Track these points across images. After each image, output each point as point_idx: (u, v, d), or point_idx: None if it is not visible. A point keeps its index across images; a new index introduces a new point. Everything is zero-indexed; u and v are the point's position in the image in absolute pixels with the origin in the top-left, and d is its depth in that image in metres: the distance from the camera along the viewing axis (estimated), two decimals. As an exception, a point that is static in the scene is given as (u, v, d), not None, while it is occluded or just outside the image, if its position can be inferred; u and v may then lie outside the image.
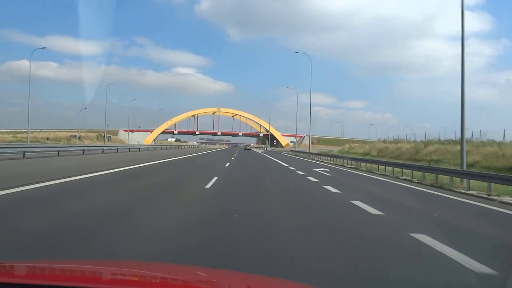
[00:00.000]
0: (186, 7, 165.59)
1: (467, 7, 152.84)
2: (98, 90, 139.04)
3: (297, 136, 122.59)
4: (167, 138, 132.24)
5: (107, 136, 58.45)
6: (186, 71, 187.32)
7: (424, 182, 14.03)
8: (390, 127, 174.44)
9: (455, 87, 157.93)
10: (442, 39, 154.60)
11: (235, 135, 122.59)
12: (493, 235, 5.73)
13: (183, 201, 8.05)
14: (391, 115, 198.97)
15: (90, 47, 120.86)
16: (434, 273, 3.72)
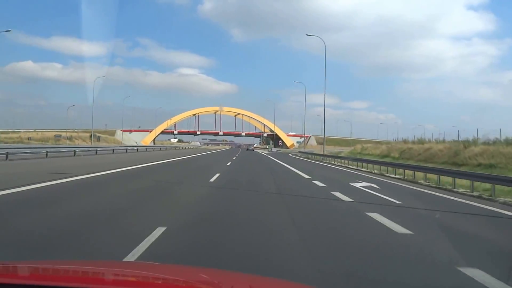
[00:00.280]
0: (189, 7, 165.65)
1: (470, 7, 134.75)
2: (101, 90, 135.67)
3: (302, 136, 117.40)
4: (170, 138, 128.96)
5: (96, 136, 53.35)
6: (190, 71, 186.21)
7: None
8: (393, 127, 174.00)
9: (458, 87, 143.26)
10: (445, 39, 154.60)
11: (238, 135, 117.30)
12: None
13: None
14: (395, 115, 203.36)
15: (94, 48, 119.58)
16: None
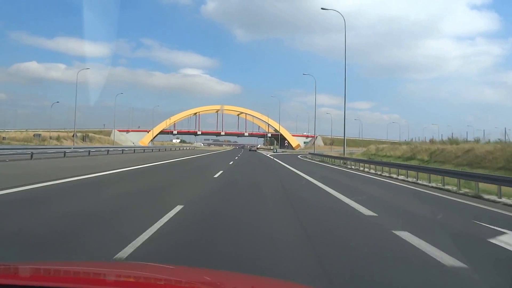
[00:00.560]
0: (193, 8, 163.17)
1: (474, 6, 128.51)
2: (104, 91, 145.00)
3: (308, 136, 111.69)
4: (172, 139, 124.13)
5: (77, 135, 48.28)
6: (193, 72, 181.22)
7: None
8: (400, 127, 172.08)
9: (462, 87, 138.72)
10: (448, 38, 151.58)
11: (241, 135, 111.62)
12: None
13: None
14: (399, 116, 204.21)
15: (97, 48, 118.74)
16: None
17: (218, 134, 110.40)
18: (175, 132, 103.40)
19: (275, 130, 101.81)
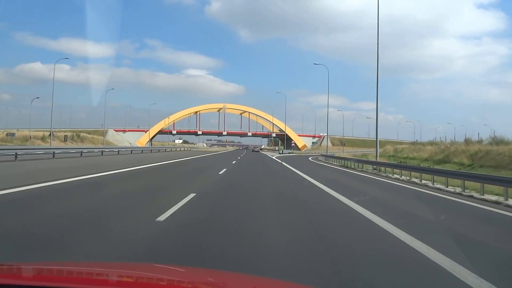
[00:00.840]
0: (197, 8, 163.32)
1: (480, 6, 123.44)
2: (107, 91, 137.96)
3: (315, 136, 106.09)
4: (174, 139, 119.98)
5: (53, 134, 43.15)
6: (197, 72, 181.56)
7: None
8: (401, 127, 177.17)
9: (467, 87, 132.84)
10: (454, 38, 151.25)
11: (244, 135, 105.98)
12: None
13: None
14: (403, 116, 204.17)
15: (101, 49, 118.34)
16: None
17: (220, 134, 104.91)
18: (174, 132, 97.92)
19: (280, 130, 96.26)
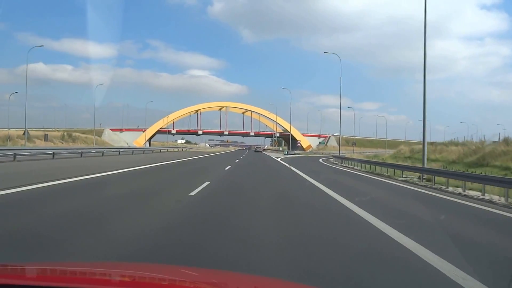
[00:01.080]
0: (199, 9, 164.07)
1: (483, 7, 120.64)
2: (111, 92, 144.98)
3: (320, 136, 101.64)
4: (176, 139, 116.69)
5: (27, 133, 39.16)
6: (200, 73, 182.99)
7: None
8: (403, 127, 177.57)
9: (470, 87, 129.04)
10: (457, 39, 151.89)
11: (246, 135, 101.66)
12: None
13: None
14: (406, 116, 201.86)
15: (104, 50, 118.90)
16: None
17: (222, 134, 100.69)
18: (173, 131, 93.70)
19: (284, 130, 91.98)
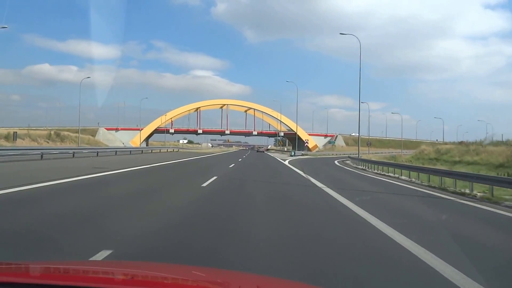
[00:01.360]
0: (203, 9, 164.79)
1: (487, 6, 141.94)
2: (112, 91, 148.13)
3: (327, 135, 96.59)
4: (179, 139, 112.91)
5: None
6: (204, 73, 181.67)
7: None
8: (407, 126, 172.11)
9: (473, 87, 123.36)
10: (461, 38, 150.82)
11: (248, 134, 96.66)
12: None
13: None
14: (409, 116, 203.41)
15: (109, 50, 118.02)
16: None
17: (223, 133, 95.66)
18: (172, 130, 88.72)
19: (289, 129, 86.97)
